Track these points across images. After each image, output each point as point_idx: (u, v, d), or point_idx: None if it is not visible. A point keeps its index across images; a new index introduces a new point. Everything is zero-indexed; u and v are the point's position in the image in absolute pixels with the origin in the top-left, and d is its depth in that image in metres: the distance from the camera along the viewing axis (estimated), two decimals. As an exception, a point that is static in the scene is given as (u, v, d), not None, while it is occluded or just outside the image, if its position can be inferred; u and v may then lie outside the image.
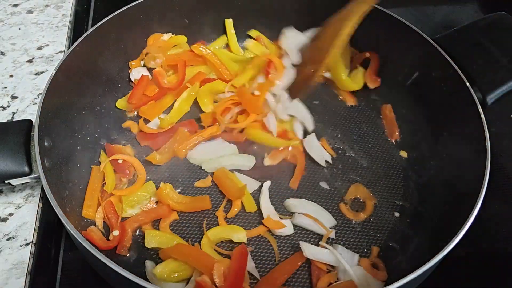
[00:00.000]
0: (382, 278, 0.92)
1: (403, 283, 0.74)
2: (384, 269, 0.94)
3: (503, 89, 1.03)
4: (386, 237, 1.01)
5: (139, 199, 1.01)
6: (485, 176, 0.88)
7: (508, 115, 1.28)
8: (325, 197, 1.06)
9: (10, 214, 0.97)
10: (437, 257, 0.78)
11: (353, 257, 0.95)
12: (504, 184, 1.13)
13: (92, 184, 1.02)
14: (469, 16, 1.60)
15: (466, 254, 0.99)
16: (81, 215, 0.98)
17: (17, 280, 0.87)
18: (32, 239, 0.93)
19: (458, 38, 1.14)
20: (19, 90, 1.18)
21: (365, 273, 0.92)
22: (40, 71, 1.23)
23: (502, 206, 1.09)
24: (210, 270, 0.86)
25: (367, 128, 1.21)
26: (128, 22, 1.17)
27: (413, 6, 1.61)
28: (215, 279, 0.85)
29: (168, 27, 1.26)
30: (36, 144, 0.87)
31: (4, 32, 1.33)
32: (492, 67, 1.06)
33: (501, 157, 1.18)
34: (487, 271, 0.99)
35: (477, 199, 0.85)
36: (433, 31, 1.41)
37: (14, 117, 1.13)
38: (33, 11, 1.41)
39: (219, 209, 1.02)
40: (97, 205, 1.00)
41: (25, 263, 0.90)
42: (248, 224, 1.01)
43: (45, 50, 1.29)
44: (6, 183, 0.91)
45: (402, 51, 1.18)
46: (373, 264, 0.95)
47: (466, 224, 0.81)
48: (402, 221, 1.03)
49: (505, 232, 1.04)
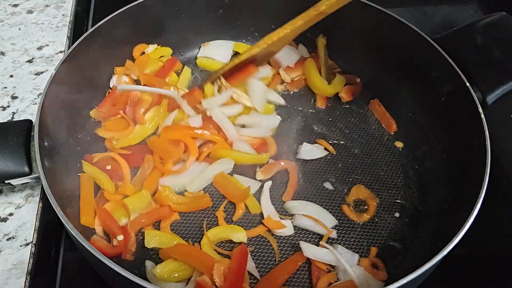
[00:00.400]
0: (382, 278, 0.92)
1: (403, 283, 0.74)
2: (384, 269, 0.94)
3: (503, 89, 1.03)
4: (386, 237, 1.01)
5: (136, 207, 0.98)
6: (485, 176, 0.88)
7: (508, 115, 1.28)
8: (327, 198, 1.06)
9: (10, 214, 0.97)
10: (437, 257, 0.78)
11: (353, 257, 0.95)
12: (504, 184, 1.13)
13: (84, 192, 0.99)
14: (469, 16, 1.60)
15: (466, 254, 0.99)
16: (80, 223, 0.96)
17: (17, 280, 0.87)
18: (32, 239, 0.93)
19: (458, 38, 1.14)
20: (19, 90, 1.18)
21: (365, 273, 0.91)
22: (40, 71, 1.24)
23: (502, 206, 1.09)
24: (210, 270, 0.86)
25: (365, 126, 1.22)
26: (128, 22, 1.17)
27: (413, 6, 1.61)
28: (215, 279, 0.85)
29: (168, 27, 1.26)
30: (36, 144, 0.87)
31: (4, 32, 1.33)
32: (492, 67, 1.06)
33: (501, 157, 1.18)
34: (487, 271, 0.99)
35: (477, 199, 0.85)
36: (433, 31, 1.41)
37: (14, 117, 1.13)
38: (33, 11, 1.41)
39: (219, 209, 1.02)
40: (94, 212, 0.97)
41: (25, 263, 0.90)
42: (248, 224, 1.01)
43: (45, 50, 1.29)
44: (6, 183, 0.91)
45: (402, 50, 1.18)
46: (373, 264, 0.95)
47: (466, 224, 0.81)
48: (402, 221, 1.03)
49: (505, 232, 1.04)
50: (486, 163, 0.90)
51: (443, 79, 1.08)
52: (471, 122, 0.98)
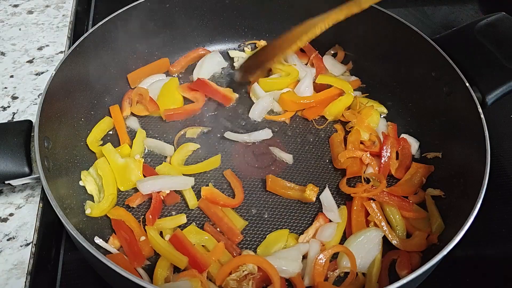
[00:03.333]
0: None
1: (403, 283, 0.74)
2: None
3: (503, 89, 1.03)
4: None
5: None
6: (485, 176, 0.88)
7: (508, 115, 1.28)
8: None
9: (10, 214, 0.97)
10: (437, 257, 0.78)
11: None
12: (504, 184, 1.13)
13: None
14: (469, 16, 1.60)
15: (466, 255, 0.99)
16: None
17: (18, 280, 0.87)
18: (32, 239, 0.93)
19: (458, 38, 1.14)
20: (20, 91, 1.19)
21: None
22: (41, 72, 1.24)
23: (502, 206, 1.09)
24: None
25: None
26: (129, 23, 1.17)
27: (413, 6, 1.61)
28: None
29: (167, 27, 1.27)
30: (36, 145, 0.87)
31: (4, 33, 1.33)
32: (492, 67, 1.06)
33: (501, 157, 1.18)
34: (487, 272, 0.99)
35: (477, 199, 0.84)
36: (433, 31, 1.41)
37: (14, 117, 1.13)
38: (33, 12, 1.41)
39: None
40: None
41: (26, 263, 0.90)
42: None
43: (45, 50, 1.29)
44: (6, 183, 0.91)
45: (401, 51, 1.19)
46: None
47: (466, 224, 0.81)
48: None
49: (505, 232, 1.04)
50: (486, 163, 0.90)
51: (443, 79, 1.08)
52: (471, 122, 0.98)
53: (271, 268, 0.88)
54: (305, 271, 0.92)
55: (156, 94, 1.21)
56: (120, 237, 0.95)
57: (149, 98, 1.17)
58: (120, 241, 0.95)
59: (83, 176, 1.03)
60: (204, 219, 1.01)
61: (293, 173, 1.10)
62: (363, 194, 1.01)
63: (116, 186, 1.03)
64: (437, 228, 0.97)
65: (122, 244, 0.95)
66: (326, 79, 1.22)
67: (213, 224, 1.00)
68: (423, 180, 1.07)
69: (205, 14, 1.29)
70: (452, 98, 1.06)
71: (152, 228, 0.96)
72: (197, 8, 1.27)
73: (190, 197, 1.03)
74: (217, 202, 1.02)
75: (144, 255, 0.93)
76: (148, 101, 1.17)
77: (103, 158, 1.05)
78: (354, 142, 1.12)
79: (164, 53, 1.29)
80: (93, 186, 1.03)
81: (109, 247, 0.94)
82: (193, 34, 1.31)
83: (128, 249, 0.93)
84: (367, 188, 1.02)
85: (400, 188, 1.05)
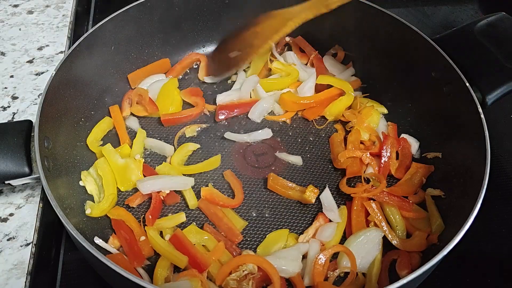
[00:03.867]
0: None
1: (403, 283, 0.74)
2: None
3: (503, 89, 1.03)
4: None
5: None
6: (485, 176, 0.88)
7: (508, 115, 1.28)
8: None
9: (10, 214, 0.97)
10: (437, 257, 0.78)
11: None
12: (504, 184, 1.13)
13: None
14: (469, 16, 1.60)
15: (466, 255, 0.99)
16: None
17: (18, 281, 0.87)
18: (32, 240, 0.93)
19: (458, 38, 1.14)
20: (20, 91, 1.19)
21: None
22: (41, 72, 1.24)
23: (502, 206, 1.09)
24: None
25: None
26: (129, 23, 1.17)
27: (413, 6, 1.61)
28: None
29: (167, 28, 1.27)
30: (36, 145, 0.87)
31: (4, 33, 1.34)
32: (492, 67, 1.06)
33: (501, 157, 1.18)
34: (487, 271, 0.99)
35: (477, 199, 0.84)
36: (433, 31, 1.41)
37: (14, 117, 1.13)
38: (33, 12, 1.41)
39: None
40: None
41: (26, 263, 0.90)
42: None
43: (45, 50, 1.30)
44: (6, 183, 0.91)
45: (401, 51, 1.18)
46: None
47: (466, 224, 0.81)
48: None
49: (505, 232, 1.04)
50: (486, 163, 0.90)
51: (443, 79, 1.08)
52: (471, 122, 0.98)
53: (271, 268, 0.88)
54: (305, 271, 0.92)
55: (156, 94, 1.21)
56: (120, 237, 0.95)
57: (148, 99, 1.17)
58: (120, 241, 0.95)
59: (83, 176, 1.03)
60: (204, 220, 1.02)
61: (293, 173, 1.11)
62: (363, 194, 1.01)
63: (116, 186, 1.03)
64: (437, 228, 0.97)
65: (122, 244, 0.95)
66: (326, 79, 1.23)
67: (213, 224, 1.00)
68: (423, 180, 1.07)
69: (205, 14, 1.29)
70: (452, 98, 1.06)
71: (152, 228, 0.96)
72: (198, 8, 1.27)
73: (190, 197, 1.03)
74: (216, 203, 1.02)
75: (144, 255, 0.93)
76: (147, 102, 1.17)
77: (103, 158, 1.05)
78: (354, 142, 1.12)
79: (164, 53, 1.29)
80: (93, 186, 1.03)
81: (109, 247, 0.94)
82: (193, 34, 1.32)
83: (128, 249, 0.93)
84: (367, 188, 1.02)
85: (400, 188, 1.05)
